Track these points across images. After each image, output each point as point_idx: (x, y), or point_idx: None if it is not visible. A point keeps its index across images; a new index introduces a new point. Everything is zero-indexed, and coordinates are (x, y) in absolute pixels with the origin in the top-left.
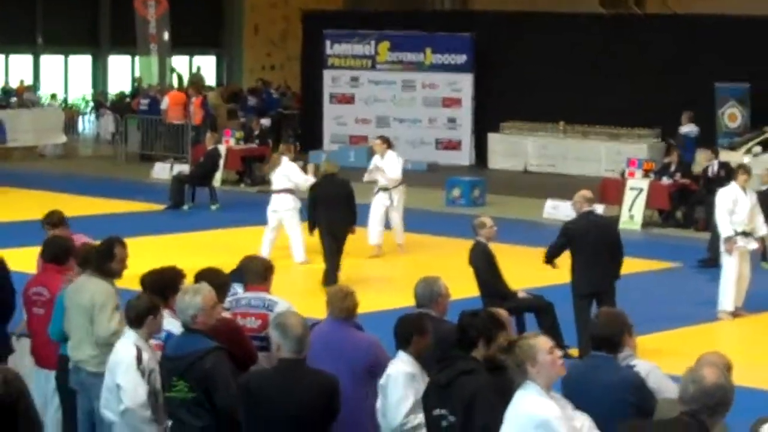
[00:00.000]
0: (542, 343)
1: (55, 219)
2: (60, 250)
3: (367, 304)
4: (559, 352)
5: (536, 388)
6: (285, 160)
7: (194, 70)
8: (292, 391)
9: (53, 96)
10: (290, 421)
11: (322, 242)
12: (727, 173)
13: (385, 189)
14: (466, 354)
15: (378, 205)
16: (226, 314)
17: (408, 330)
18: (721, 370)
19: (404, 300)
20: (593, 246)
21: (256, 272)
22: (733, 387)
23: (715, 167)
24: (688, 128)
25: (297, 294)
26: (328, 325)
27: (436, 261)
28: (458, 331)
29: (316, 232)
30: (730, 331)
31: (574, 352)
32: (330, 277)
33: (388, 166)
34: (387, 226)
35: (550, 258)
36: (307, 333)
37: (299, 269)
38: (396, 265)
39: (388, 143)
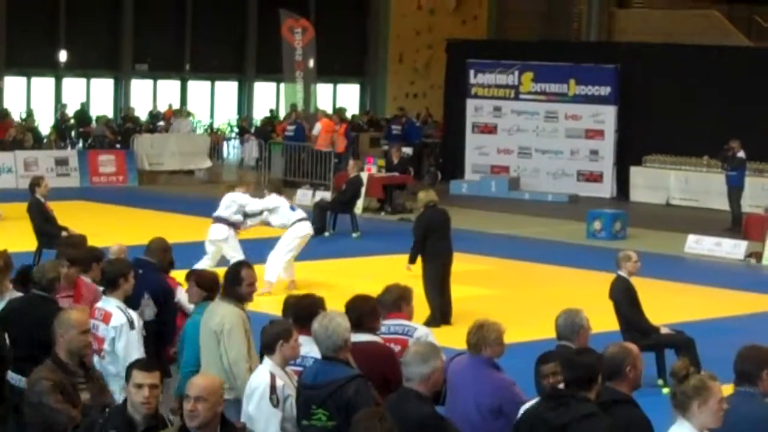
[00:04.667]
0: (718, 389)
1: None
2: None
3: (507, 336)
4: (725, 406)
5: (690, 428)
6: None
7: (338, 97)
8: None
9: (197, 121)
10: None
11: (431, 275)
12: None
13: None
14: (579, 392)
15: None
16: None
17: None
18: None
19: (544, 332)
20: None
21: (385, 303)
22: None
23: None
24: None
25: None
26: (465, 360)
27: (576, 293)
28: (586, 368)
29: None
30: None
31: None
32: (445, 314)
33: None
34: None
35: None
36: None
37: None
38: (535, 297)
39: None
